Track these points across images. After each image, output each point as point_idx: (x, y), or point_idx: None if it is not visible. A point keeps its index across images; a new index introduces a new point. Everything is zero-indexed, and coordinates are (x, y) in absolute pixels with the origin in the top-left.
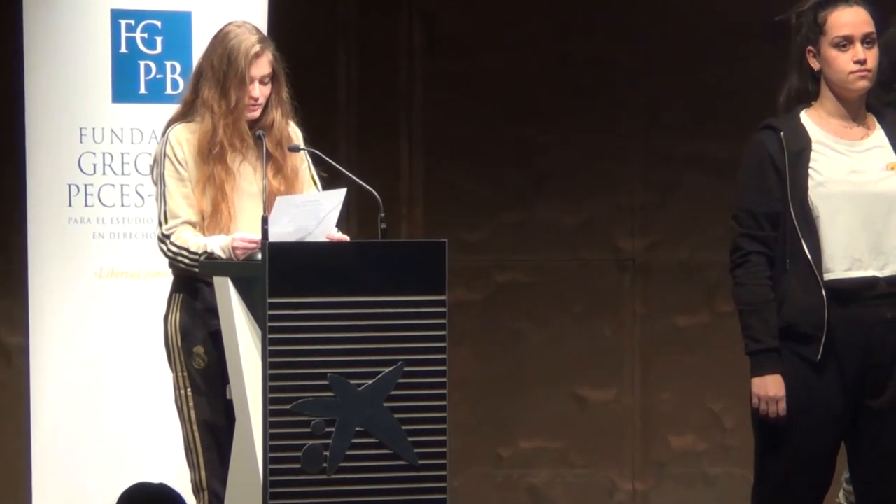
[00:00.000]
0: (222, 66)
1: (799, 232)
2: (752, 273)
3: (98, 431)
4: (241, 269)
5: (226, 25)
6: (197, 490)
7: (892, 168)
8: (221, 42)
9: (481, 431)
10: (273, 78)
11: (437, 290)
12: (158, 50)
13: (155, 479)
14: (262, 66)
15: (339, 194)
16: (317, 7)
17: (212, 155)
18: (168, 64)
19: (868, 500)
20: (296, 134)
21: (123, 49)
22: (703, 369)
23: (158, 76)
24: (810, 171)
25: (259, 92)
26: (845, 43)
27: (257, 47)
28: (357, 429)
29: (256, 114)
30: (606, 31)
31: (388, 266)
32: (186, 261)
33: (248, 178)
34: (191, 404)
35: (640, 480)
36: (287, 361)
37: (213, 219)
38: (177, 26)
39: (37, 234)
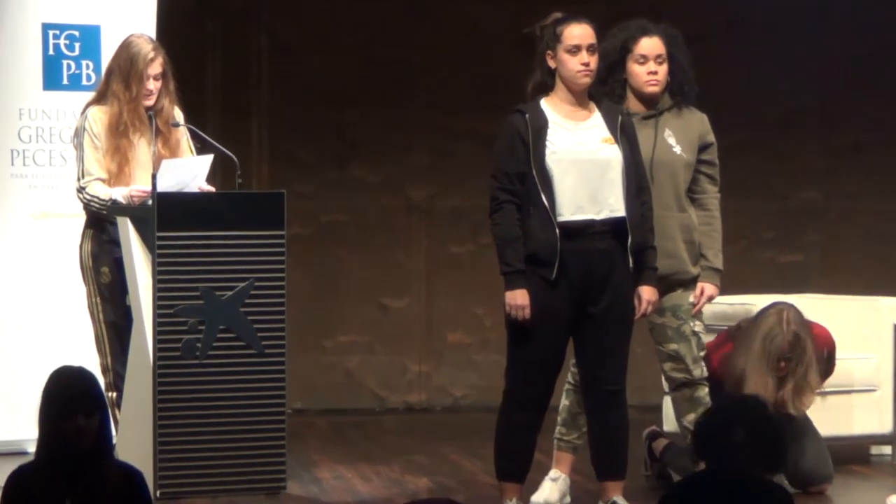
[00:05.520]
0: (126, 66)
1: (539, 187)
2: (505, 216)
3: (32, 328)
4: (137, 212)
5: (129, 36)
6: (104, 370)
7: (605, 141)
8: (126, 49)
9: (310, 329)
10: (164, 75)
11: (279, 226)
12: (77, 52)
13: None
14: (156, 67)
15: (207, 159)
16: (190, 23)
17: (118, 131)
18: (84, 63)
19: (588, 382)
20: (179, 115)
21: (51, 51)
22: (471, 285)
23: (76, 71)
24: (547, 142)
25: (153, 85)
26: (575, 50)
27: (152, 53)
28: (220, 327)
29: (152, 101)
30: (404, 37)
31: (244, 209)
32: (97, 205)
33: (143, 148)
34: (100, 309)
35: (425, 364)
36: (170, 278)
37: (117, 178)
38: (90, 35)
39: None
